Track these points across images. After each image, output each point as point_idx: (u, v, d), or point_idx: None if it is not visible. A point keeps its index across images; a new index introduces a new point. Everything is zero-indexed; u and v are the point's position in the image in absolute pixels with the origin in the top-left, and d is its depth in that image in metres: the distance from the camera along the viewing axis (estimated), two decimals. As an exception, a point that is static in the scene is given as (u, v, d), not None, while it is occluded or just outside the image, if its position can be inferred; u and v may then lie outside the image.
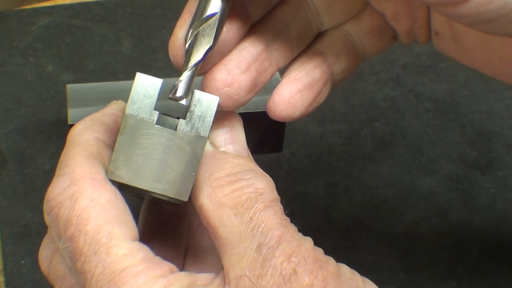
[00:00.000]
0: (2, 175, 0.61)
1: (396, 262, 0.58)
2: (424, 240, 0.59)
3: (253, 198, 0.38)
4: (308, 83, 0.44)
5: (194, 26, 0.40)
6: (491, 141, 0.66)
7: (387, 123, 0.67)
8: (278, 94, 0.44)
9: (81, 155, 0.39)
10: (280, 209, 0.39)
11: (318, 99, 0.45)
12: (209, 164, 0.40)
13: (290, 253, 0.37)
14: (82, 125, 0.41)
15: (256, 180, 0.39)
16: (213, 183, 0.39)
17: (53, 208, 0.39)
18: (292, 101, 0.44)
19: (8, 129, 0.64)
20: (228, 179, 0.39)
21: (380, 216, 0.60)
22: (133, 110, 0.38)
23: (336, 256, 0.58)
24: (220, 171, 0.39)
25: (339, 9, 0.45)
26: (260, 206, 0.38)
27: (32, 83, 0.68)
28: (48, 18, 0.73)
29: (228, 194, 0.38)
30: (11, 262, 0.56)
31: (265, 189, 0.39)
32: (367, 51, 0.47)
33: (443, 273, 0.57)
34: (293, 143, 0.65)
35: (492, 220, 0.61)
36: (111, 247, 0.37)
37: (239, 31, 0.42)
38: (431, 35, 0.46)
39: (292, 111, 0.44)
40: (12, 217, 0.59)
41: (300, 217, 0.60)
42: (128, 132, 0.38)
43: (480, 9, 0.37)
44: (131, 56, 0.71)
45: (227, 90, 0.42)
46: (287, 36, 0.44)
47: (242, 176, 0.39)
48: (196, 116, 0.39)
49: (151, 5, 0.75)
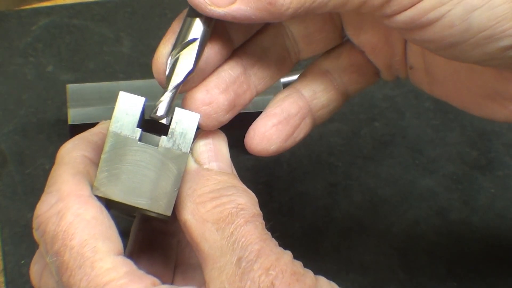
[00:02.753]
0: (2, 175, 0.61)
1: (396, 262, 0.58)
2: (424, 240, 0.59)
3: (234, 213, 0.39)
4: (284, 118, 0.46)
5: (175, 50, 0.41)
6: (491, 141, 0.66)
7: (387, 123, 0.67)
8: (253, 129, 0.46)
9: (68, 173, 0.41)
10: (261, 224, 0.40)
11: (296, 134, 0.46)
12: (192, 181, 0.41)
13: (268, 266, 0.38)
14: (71, 144, 0.42)
15: (237, 196, 0.40)
16: (196, 200, 0.40)
17: (41, 224, 0.40)
18: (267, 135, 0.45)
19: (8, 129, 0.64)
20: (210, 195, 0.40)
21: (380, 216, 0.60)
22: (116, 127, 0.39)
23: (336, 256, 0.59)
24: (203, 187, 0.40)
25: (317, 39, 0.47)
26: (240, 221, 0.39)
27: (32, 83, 0.68)
28: (48, 18, 0.73)
29: (210, 210, 0.39)
30: (11, 262, 0.56)
31: (246, 204, 0.40)
32: (348, 88, 0.48)
33: (443, 273, 0.57)
34: (293, 143, 0.65)
35: (492, 220, 0.61)
36: (96, 261, 0.38)
37: (220, 54, 0.44)
38: (407, 70, 0.48)
39: (268, 145, 0.45)
40: (12, 217, 0.59)
41: (300, 217, 0.61)
42: (112, 149, 0.40)
43: (444, 33, 0.39)
44: (131, 56, 0.71)
45: (206, 108, 0.43)
46: (266, 62, 0.46)
47: (224, 192, 0.40)
48: (178, 133, 0.40)
49: (151, 5, 0.75)
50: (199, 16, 0.41)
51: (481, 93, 0.45)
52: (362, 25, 0.46)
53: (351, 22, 0.46)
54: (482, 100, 0.45)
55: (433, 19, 0.39)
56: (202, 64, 0.43)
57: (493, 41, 0.39)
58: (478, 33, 0.39)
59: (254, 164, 0.63)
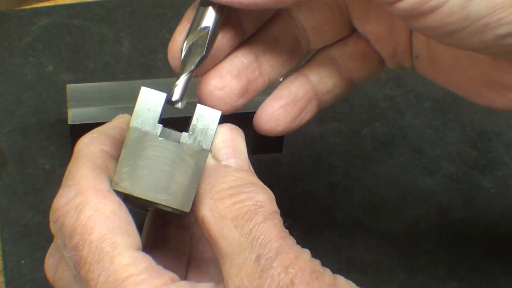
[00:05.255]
0: (2, 175, 0.61)
1: (396, 262, 0.58)
2: (424, 240, 0.59)
3: (253, 210, 0.39)
4: (291, 100, 0.48)
5: (189, 38, 0.43)
6: (491, 141, 0.66)
7: (387, 123, 0.67)
8: (261, 109, 0.48)
9: (87, 167, 0.41)
10: (280, 222, 0.40)
11: (303, 115, 0.49)
12: (211, 177, 0.41)
13: (288, 264, 0.38)
14: (89, 138, 0.43)
15: (256, 193, 0.40)
16: (214, 196, 0.40)
17: (59, 218, 0.40)
18: (274, 115, 0.48)
19: (8, 129, 0.64)
20: (229, 192, 0.40)
21: (380, 216, 0.60)
22: (137, 123, 0.39)
23: (336, 256, 0.59)
24: (222, 184, 0.40)
25: (326, 30, 0.49)
26: (259, 219, 0.39)
27: (32, 83, 0.68)
28: (48, 18, 0.73)
29: (228, 207, 0.39)
30: (11, 262, 0.56)
31: (265, 202, 0.40)
32: (353, 75, 0.50)
33: (443, 273, 0.57)
34: (293, 143, 0.65)
35: (492, 220, 0.61)
36: (115, 256, 0.38)
37: (232, 41, 0.46)
38: (413, 59, 0.49)
39: (275, 125, 0.48)
40: (12, 217, 0.59)
41: (300, 217, 0.61)
42: (133, 144, 0.40)
43: (444, 20, 0.41)
44: (131, 56, 0.71)
45: (219, 93, 0.46)
46: (277, 50, 0.48)
47: (242, 189, 0.40)
48: (199, 129, 0.40)
49: (151, 5, 0.75)
50: (211, 4, 0.43)
51: (481, 82, 0.47)
52: (368, 14, 0.48)
53: (357, 12, 0.48)
54: (482, 89, 0.47)
55: (433, 7, 0.40)
56: (215, 51, 0.45)
57: (490, 29, 0.41)
58: (476, 21, 0.41)
59: (255, 164, 0.63)
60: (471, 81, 0.47)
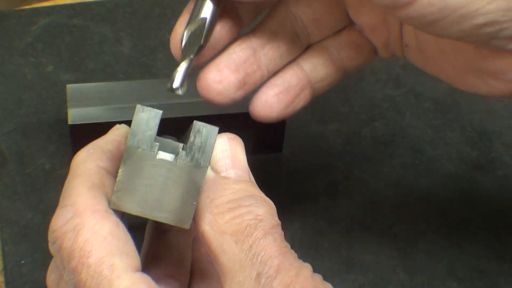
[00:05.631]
0: (2, 175, 0.61)
1: (396, 262, 0.58)
2: (424, 240, 0.59)
3: (253, 225, 0.39)
4: (285, 88, 0.50)
5: (188, 28, 0.46)
6: (491, 141, 0.66)
7: (387, 123, 0.67)
8: (256, 97, 0.50)
9: (83, 186, 0.40)
10: (280, 236, 0.39)
11: (296, 102, 0.51)
12: (210, 190, 0.40)
13: (288, 282, 0.37)
14: (85, 153, 0.42)
15: (256, 206, 0.40)
16: (214, 210, 0.39)
17: (57, 239, 0.40)
18: (268, 103, 0.50)
19: (8, 129, 0.64)
20: (228, 205, 0.39)
21: (380, 216, 0.60)
22: (134, 142, 0.39)
23: (336, 256, 0.58)
24: (221, 197, 0.40)
25: (325, 23, 0.50)
26: (259, 234, 0.38)
27: (32, 83, 0.68)
28: (48, 18, 0.73)
29: (228, 221, 0.39)
30: (11, 262, 0.56)
31: (265, 215, 0.39)
32: (346, 64, 0.52)
33: (443, 273, 0.57)
34: (293, 143, 0.65)
35: (492, 220, 0.61)
36: (113, 279, 0.38)
37: (230, 31, 0.48)
38: (403, 48, 0.51)
39: (269, 112, 0.50)
40: (12, 217, 0.59)
41: (300, 217, 0.61)
42: (130, 163, 0.39)
43: (424, 11, 0.42)
44: (131, 56, 0.71)
45: (217, 86, 0.48)
46: (276, 44, 0.50)
47: (242, 202, 0.40)
48: (196, 146, 0.39)
49: (151, 5, 0.75)
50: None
51: (464, 69, 0.48)
52: (362, 7, 0.50)
53: (352, 4, 0.50)
54: (465, 76, 0.48)
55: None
56: (213, 41, 0.47)
57: (468, 19, 0.42)
58: (455, 12, 0.42)
59: (255, 164, 0.63)
60: (455, 69, 0.49)
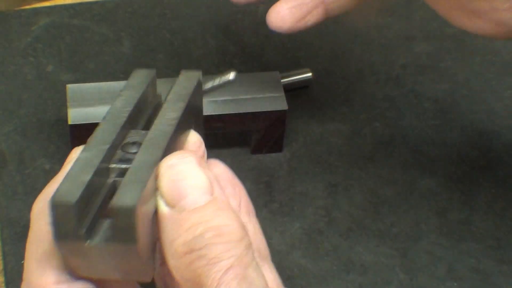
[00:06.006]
0: (2, 175, 0.61)
1: (396, 262, 0.58)
2: (424, 240, 0.59)
3: (205, 274, 0.37)
4: (298, 4, 0.55)
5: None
6: (491, 141, 0.66)
7: (387, 123, 0.67)
8: (272, 9, 0.55)
9: (34, 258, 0.39)
10: (235, 278, 0.37)
11: (308, 18, 0.55)
12: (167, 230, 0.38)
13: None
14: (38, 207, 0.41)
15: (208, 248, 0.37)
16: (174, 255, 0.38)
17: None
18: (281, 15, 0.54)
19: (8, 129, 0.64)
20: (183, 249, 0.37)
21: (380, 216, 0.60)
22: (59, 236, 0.37)
23: (336, 256, 0.58)
24: (177, 239, 0.37)
25: None
26: (212, 284, 0.37)
27: (32, 83, 0.68)
28: (48, 18, 0.73)
29: (186, 268, 0.37)
30: (11, 262, 0.56)
31: (218, 256, 0.37)
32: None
33: (443, 273, 0.57)
34: (293, 143, 0.65)
35: (492, 220, 0.61)
36: None
37: None
38: None
39: (282, 23, 0.55)
40: (12, 217, 0.59)
41: (300, 217, 0.61)
42: (65, 251, 0.38)
43: None
44: (131, 56, 0.71)
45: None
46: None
47: (194, 245, 0.37)
48: (118, 227, 0.37)
49: (151, 5, 0.75)
50: None
51: (456, 7, 0.51)
52: None
53: None
54: (457, 13, 0.52)
55: None
56: None
57: None
58: None
59: (255, 164, 0.63)
60: (450, 5, 0.51)
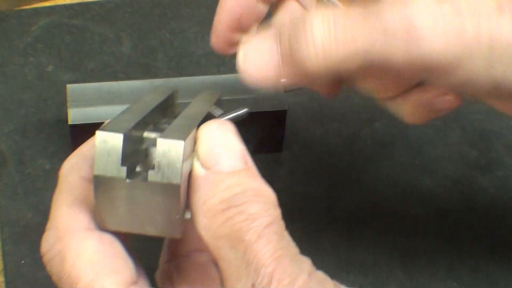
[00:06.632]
0: (2, 175, 0.61)
1: (396, 262, 0.58)
2: (424, 240, 0.59)
3: (244, 228, 0.36)
4: None
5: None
6: (491, 141, 0.66)
7: (387, 123, 0.67)
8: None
9: (64, 205, 0.39)
10: (276, 234, 0.37)
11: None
12: (201, 190, 0.38)
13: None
14: (69, 164, 0.41)
15: (248, 204, 0.37)
16: (206, 213, 0.37)
17: (47, 265, 0.39)
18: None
19: (8, 129, 0.64)
20: (220, 207, 0.37)
21: (380, 216, 0.60)
22: (100, 170, 0.37)
23: (336, 256, 0.58)
24: (212, 198, 0.37)
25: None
26: (252, 238, 0.36)
27: (32, 83, 0.68)
28: (48, 18, 0.73)
29: (222, 225, 0.37)
30: (11, 262, 0.56)
31: (258, 213, 0.37)
32: None
33: (443, 273, 0.57)
34: (293, 143, 0.65)
35: (492, 220, 0.61)
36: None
37: None
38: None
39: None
40: (12, 217, 0.59)
41: (300, 217, 0.61)
42: (102, 190, 0.38)
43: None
44: (131, 56, 0.71)
45: None
46: None
47: (233, 202, 0.37)
48: (164, 164, 0.37)
49: (151, 5, 0.75)
50: None
51: None
52: None
53: None
54: None
55: None
56: None
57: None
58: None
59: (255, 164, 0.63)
60: None
